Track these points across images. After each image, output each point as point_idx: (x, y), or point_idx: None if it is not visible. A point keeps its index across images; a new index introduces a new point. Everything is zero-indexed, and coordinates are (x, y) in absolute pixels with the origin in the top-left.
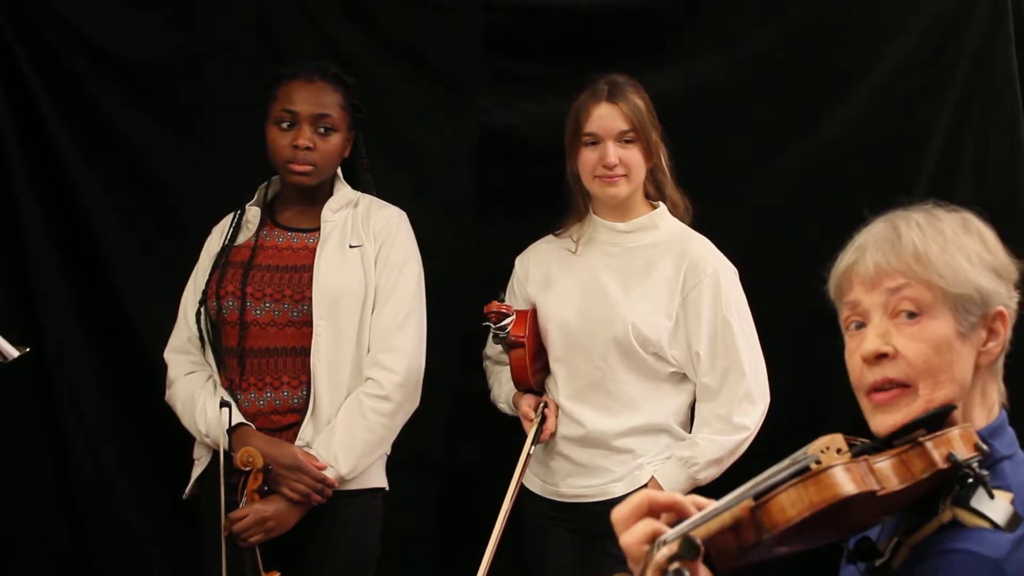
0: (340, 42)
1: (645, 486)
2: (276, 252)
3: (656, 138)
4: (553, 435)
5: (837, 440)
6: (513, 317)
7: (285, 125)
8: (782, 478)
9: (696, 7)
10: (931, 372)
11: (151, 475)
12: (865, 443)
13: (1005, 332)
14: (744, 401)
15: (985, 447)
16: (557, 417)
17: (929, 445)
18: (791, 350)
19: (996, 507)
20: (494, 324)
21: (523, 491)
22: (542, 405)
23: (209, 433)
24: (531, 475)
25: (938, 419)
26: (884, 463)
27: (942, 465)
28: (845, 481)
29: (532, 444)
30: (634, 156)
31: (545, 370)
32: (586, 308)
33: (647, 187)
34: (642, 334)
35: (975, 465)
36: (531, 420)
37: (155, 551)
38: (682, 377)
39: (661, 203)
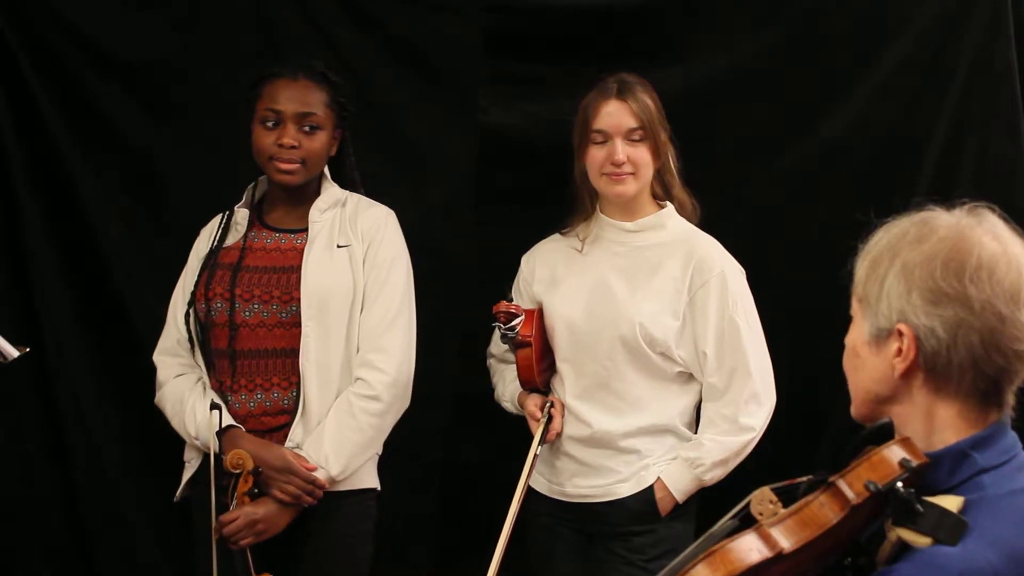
0: (340, 42)
1: (651, 487)
2: (264, 253)
3: (664, 138)
4: (559, 435)
5: (766, 494)
6: (522, 317)
7: (270, 124)
8: (682, 563)
9: (696, 7)
10: (847, 373)
11: (151, 475)
12: (801, 482)
13: (908, 350)
14: (750, 402)
15: (915, 461)
16: (563, 417)
17: (842, 483)
18: (792, 350)
19: (935, 521)
20: (503, 324)
21: (528, 491)
22: (548, 405)
23: (199, 436)
24: (536, 475)
25: (882, 433)
26: (786, 522)
27: (856, 501)
28: (736, 559)
29: (539, 444)
30: (642, 154)
31: (551, 369)
32: (592, 308)
33: (654, 187)
34: (649, 334)
35: (899, 487)
36: (538, 420)
37: (155, 551)
38: (688, 377)
39: (668, 203)
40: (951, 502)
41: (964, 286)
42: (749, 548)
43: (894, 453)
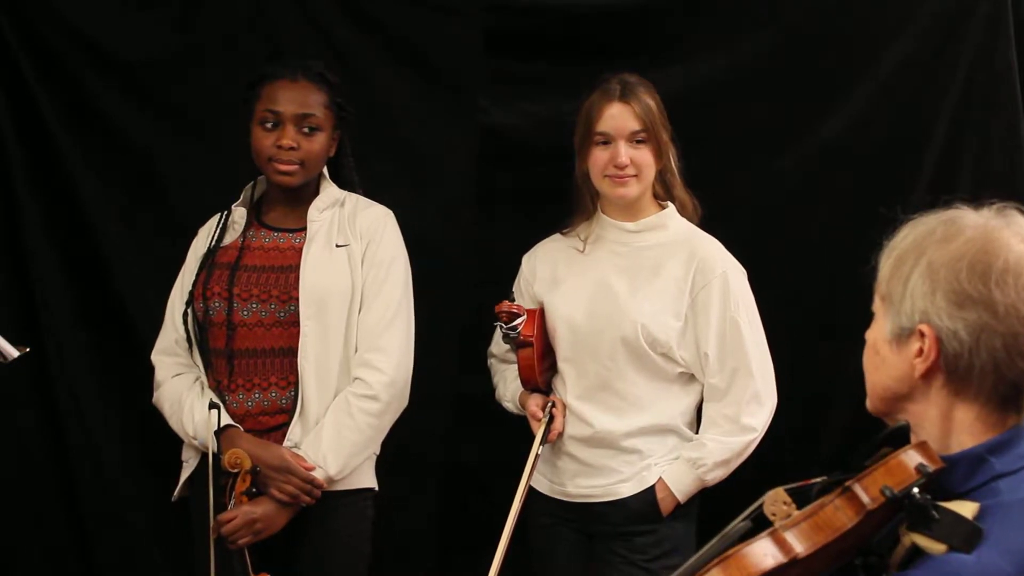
0: (340, 42)
1: (653, 487)
2: (263, 252)
3: (667, 138)
4: (561, 435)
5: (779, 494)
6: (524, 317)
7: (269, 125)
8: (699, 564)
9: (696, 7)
10: (865, 368)
11: (151, 475)
12: (815, 483)
13: (930, 351)
14: (752, 402)
15: (932, 467)
16: (565, 417)
17: (858, 488)
18: (791, 350)
19: (950, 528)
20: (505, 324)
21: (529, 491)
22: (550, 405)
23: (197, 435)
24: (538, 475)
25: (898, 435)
26: (800, 525)
27: (872, 507)
28: (750, 564)
29: (540, 444)
30: (645, 156)
31: (552, 369)
32: (594, 308)
33: (656, 187)
34: (651, 334)
35: (915, 493)
36: (539, 420)
37: (155, 551)
38: (690, 378)
39: (670, 203)
40: (966, 508)
41: (989, 290)
42: (764, 553)
43: (911, 458)
